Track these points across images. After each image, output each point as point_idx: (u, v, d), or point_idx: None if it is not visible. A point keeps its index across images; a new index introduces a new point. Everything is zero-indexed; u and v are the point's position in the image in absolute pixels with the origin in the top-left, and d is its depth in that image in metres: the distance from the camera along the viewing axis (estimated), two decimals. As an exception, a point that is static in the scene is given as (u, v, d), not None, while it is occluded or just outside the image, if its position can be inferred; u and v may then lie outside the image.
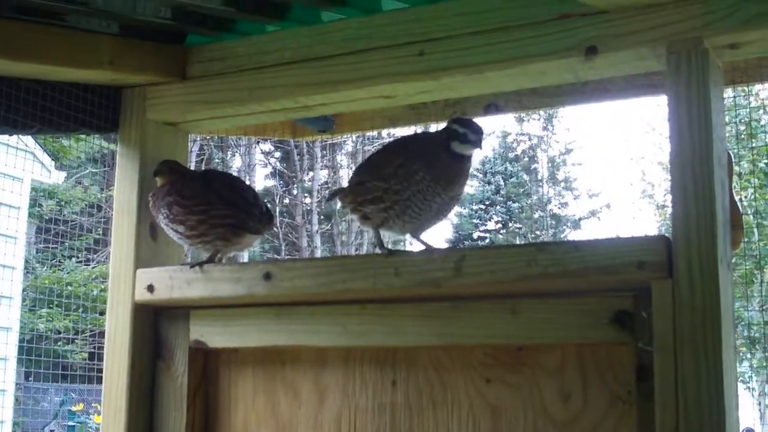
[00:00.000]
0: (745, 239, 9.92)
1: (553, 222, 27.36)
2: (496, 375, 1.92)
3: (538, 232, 26.18)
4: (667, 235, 1.73)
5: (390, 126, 2.73)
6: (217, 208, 2.09)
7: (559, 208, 28.32)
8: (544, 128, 28.54)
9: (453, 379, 1.95)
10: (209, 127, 2.41)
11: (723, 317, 1.66)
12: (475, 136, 1.92)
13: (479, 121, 1.99)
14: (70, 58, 2.08)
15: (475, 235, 26.91)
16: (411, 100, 2.20)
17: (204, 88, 2.23)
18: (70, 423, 12.57)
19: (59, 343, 13.13)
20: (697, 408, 1.64)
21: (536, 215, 27.33)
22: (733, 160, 1.90)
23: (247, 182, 2.30)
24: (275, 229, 19.46)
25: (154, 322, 2.19)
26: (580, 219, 28.44)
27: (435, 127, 2.29)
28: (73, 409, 12.18)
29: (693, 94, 1.73)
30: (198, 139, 17.26)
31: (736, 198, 1.92)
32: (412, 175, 1.93)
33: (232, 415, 2.14)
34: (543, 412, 1.87)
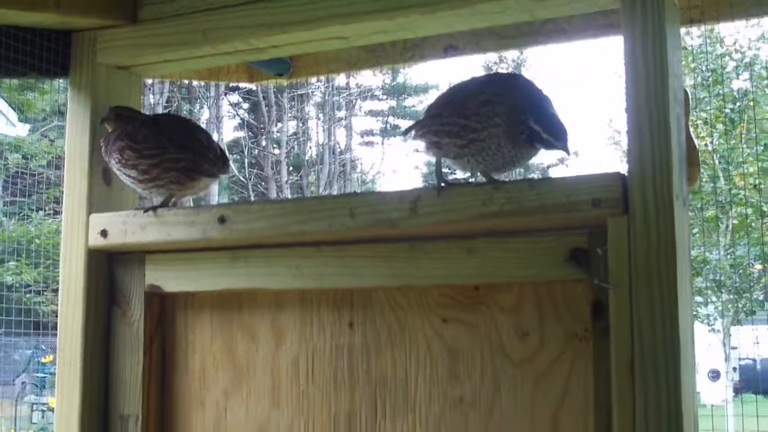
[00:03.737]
0: (711, 184, 9.99)
1: (522, 170, 27.45)
2: (453, 315, 1.91)
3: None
4: (623, 172, 1.72)
5: (348, 70, 2.70)
6: (170, 152, 2.06)
7: (528, 156, 28.40)
8: (513, 76, 28.48)
9: (410, 319, 1.94)
10: (162, 71, 2.36)
11: (678, 253, 1.66)
12: (561, 144, 1.82)
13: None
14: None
15: (445, 184, 26.96)
16: (366, 41, 2.16)
17: (156, 31, 2.18)
18: (41, 374, 12.57)
19: (28, 296, 13.08)
20: (652, 343, 1.64)
21: (505, 164, 27.32)
22: (695, 104, 1.89)
23: (215, 134, 2.25)
24: (245, 180, 19.41)
25: (108, 268, 2.17)
26: (548, 166, 28.56)
27: (397, 71, 2.21)
28: (43, 360, 12.17)
29: (648, 31, 1.71)
30: (165, 90, 17.13)
31: (693, 136, 1.91)
32: (492, 117, 1.84)
33: (189, 359, 2.12)
34: (500, 351, 1.87)
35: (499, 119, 1.84)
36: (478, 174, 1.92)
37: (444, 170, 1.98)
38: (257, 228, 1.96)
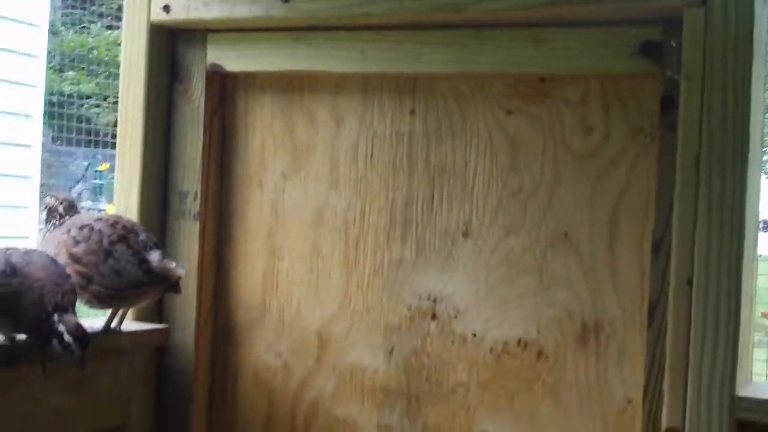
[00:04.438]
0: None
1: None
2: (517, 106, 1.88)
3: None
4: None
5: None
6: (236, -75, 2.00)
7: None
8: None
9: (473, 109, 1.91)
10: None
11: (755, 49, 1.61)
12: None
13: None
14: None
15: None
16: None
17: None
18: (97, 181, 12.80)
19: (85, 106, 13.21)
20: (722, 138, 1.61)
21: None
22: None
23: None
24: None
25: (170, 45, 2.14)
26: None
27: None
28: (100, 168, 12.37)
29: None
30: None
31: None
32: None
33: (248, 139, 2.12)
34: (563, 144, 1.84)
35: None
36: None
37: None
38: (320, 8, 1.92)
